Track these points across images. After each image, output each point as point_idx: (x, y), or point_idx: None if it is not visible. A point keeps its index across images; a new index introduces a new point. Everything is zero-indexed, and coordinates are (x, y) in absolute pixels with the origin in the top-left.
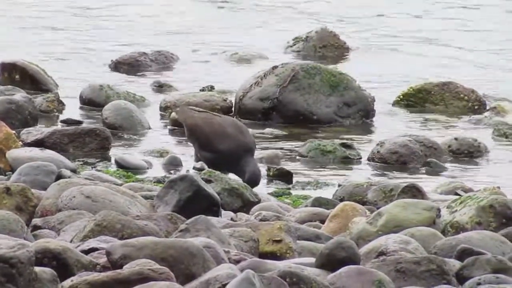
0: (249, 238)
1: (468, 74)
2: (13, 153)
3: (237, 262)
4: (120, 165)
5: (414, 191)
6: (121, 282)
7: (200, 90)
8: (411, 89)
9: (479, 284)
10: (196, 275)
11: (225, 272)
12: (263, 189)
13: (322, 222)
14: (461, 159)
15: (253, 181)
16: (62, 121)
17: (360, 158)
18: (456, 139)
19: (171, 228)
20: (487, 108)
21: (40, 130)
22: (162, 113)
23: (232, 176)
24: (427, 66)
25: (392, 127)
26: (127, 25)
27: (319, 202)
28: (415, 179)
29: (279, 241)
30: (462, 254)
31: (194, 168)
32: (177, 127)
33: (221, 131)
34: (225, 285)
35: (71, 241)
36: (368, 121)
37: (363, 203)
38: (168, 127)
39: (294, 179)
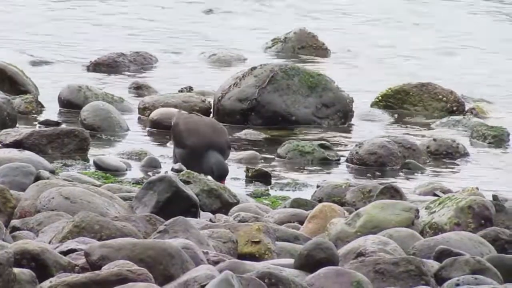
0: (228, 239)
1: (447, 75)
2: None
3: (215, 263)
4: (99, 166)
5: (392, 192)
6: (100, 283)
7: (179, 91)
8: (389, 90)
9: (457, 285)
10: (174, 276)
11: (204, 273)
12: (241, 190)
13: (301, 223)
14: (440, 160)
15: (221, 171)
16: (41, 122)
17: (339, 159)
18: (434, 140)
19: (150, 229)
20: (466, 109)
21: (18, 131)
22: (141, 114)
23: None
24: (405, 66)
25: (371, 128)
26: (106, 26)
27: (297, 203)
28: (394, 180)
29: (257, 242)
30: (441, 255)
31: (172, 169)
32: (155, 128)
33: (193, 129)
34: (203, 286)
35: (49, 242)
36: (347, 122)
37: (342, 204)
38: (147, 128)
39: (273, 180)
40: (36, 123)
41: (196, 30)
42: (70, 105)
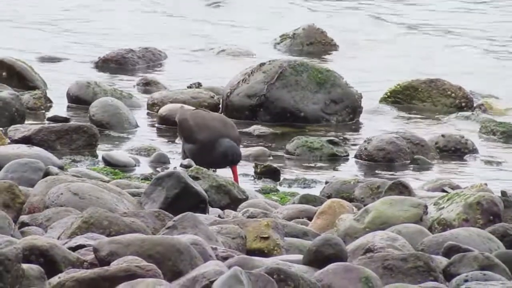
0: (237, 235)
1: (456, 71)
2: (0, 150)
3: (224, 259)
4: (108, 162)
5: (401, 188)
6: (108, 279)
7: (188, 87)
8: (398, 86)
9: (466, 281)
10: (183, 272)
11: (213, 269)
12: (250, 186)
13: (310, 219)
14: (448, 156)
15: (234, 154)
16: (49, 118)
17: (347, 155)
18: (443, 136)
19: (159, 225)
20: (474, 105)
21: (27, 127)
22: (150, 110)
23: (219, 172)
24: (414, 63)
25: (379, 124)
26: (114, 22)
27: (306, 199)
28: (402, 176)
29: (266, 238)
30: (449, 251)
31: (181, 165)
32: (164, 124)
33: (203, 123)
34: (212, 282)
35: (58, 238)
36: (355, 118)
37: (350, 200)
38: (156, 124)
39: (282, 176)
40: (44, 119)
41: (205, 25)
42: (78, 101)
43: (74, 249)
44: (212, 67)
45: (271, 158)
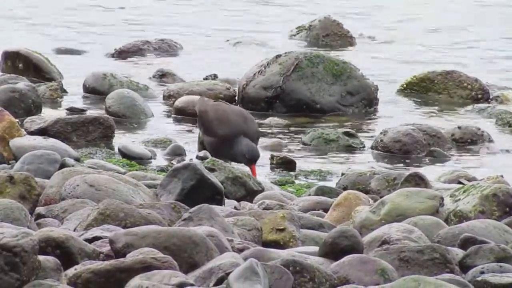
0: (253, 227)
1: (472, 63)
2: (16, 142)
3: (240, 250)
4: (124, 154)
5: (417, 180)
6: (124, 271)
7: (204, 79)
8: (414, 78)
9: (482, 272)
10: (199, 264)
11: (228, 260)
12: (266, 177)
13: (326, 210)
14: (465, 148)
15: (253, 154)
16: (66, 110)
17: (364, 146)
18: (459, 127)
19: (175, 216)
20: (491, 97)
21: (43, 119)
22: (166, 101)
23: (235, 164)
24: (430, 54)
25: (396, 115)
26: (130, 13)
27: (322, 190)
28: (418, 167)
29: (282, 230)
30: (466, 243)
31: (197, 157)
32: (180, 116)
33: (223, 117)
34: (228, 273)
35: (74, 230)
36: (372, 110)
37: (366, 191)
38: (172, 115)
39: (297, 168)
40: (61, 109)
41: (221, 17)
42: (95, 92)
43: (90, 240)
44: (228, 59)
45: (287, 149)
